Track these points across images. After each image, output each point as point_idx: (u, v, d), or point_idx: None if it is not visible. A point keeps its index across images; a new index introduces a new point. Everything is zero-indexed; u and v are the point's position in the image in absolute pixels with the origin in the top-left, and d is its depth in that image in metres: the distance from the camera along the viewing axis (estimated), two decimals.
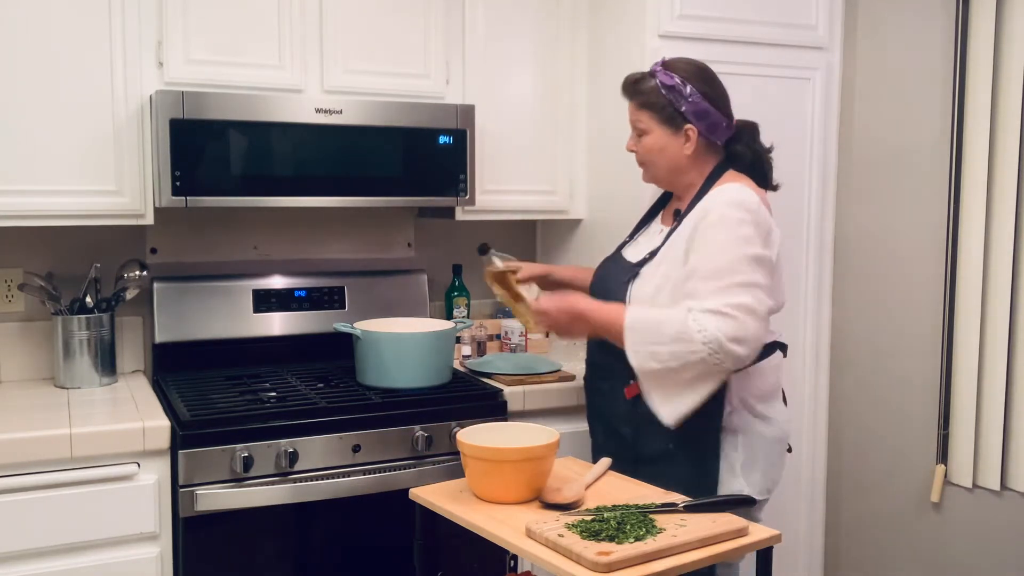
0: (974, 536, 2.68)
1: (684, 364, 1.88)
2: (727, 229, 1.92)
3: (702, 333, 1.85)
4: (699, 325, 1.86)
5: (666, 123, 2.05)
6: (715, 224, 1.93)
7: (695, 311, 1.88)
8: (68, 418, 2.10)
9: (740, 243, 1.91)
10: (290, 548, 2.21)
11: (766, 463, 2.06)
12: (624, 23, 2.67)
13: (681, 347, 1.87)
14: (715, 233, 1.92)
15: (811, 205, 2.80)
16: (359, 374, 2.48)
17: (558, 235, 3.07)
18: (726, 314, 1.86)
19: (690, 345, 1.86)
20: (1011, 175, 2.53)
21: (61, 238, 2.56)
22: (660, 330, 1.90)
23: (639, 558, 1.45)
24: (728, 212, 1.93)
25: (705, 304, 1.88)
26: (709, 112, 2.03)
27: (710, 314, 1.86)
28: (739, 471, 2.02)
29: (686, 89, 2.02)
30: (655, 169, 2.11)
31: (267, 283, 2.73)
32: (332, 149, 2.43)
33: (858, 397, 2.96)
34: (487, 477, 1.72)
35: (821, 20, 2.76)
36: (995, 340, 2.58)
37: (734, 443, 2.02)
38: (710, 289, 1.89)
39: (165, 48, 2.33)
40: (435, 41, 2.63)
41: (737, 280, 1.88)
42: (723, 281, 1.88)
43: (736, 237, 1.91)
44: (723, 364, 1.88)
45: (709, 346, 1.85)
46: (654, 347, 1.90)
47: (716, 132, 2.06)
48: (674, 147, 2.05)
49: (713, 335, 1.85)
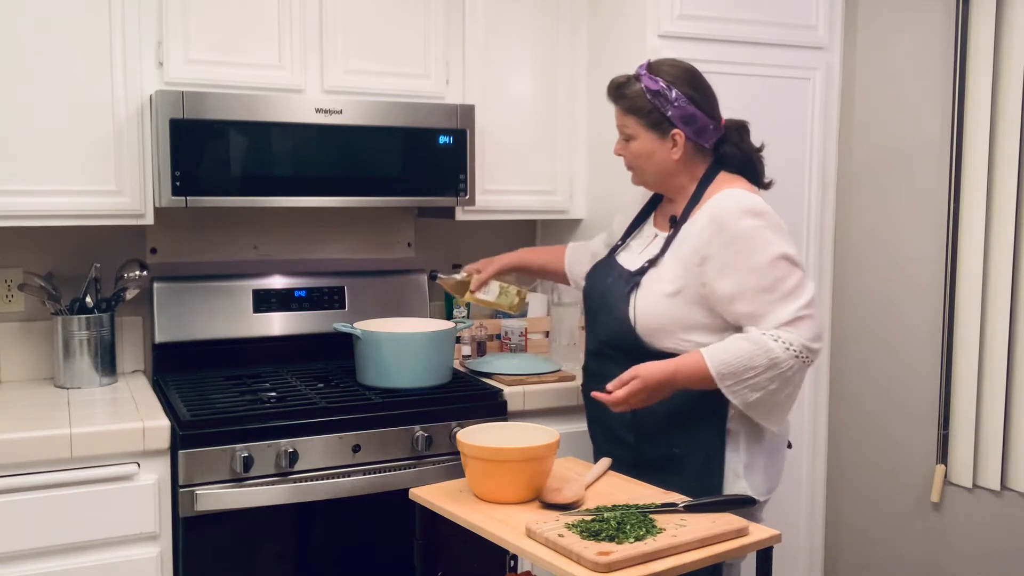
0: (974, 536, 2.68)
1: (784, 382, 1.92)
2: (749, 241, 1.93)
3: (790, 349, 1.89)
4: (784, 343, 1.89)
5: (653, 128, 2.03)
6: (736, 240, 1.93)
7: (770, 330, 1.90)
8: (68, 418, 2.10)
9: (767, 250, 1.92)
10: (290, 548, 2.21)
11: (768, 463, 2.05)
12: (624, 23, 2.67)
13: (777, 371, 1.90)
14: (740, 249, 1.92)
15: (811, 205, 2.80)
16: (359, 374, 2.48)
17: (558, 235, 3.07)
18: (800, 319, 1.90)
19: (784, 364, 1.89)
20: (1011, 175, 2.53)
21: (61, 238, 2.56)
22: (749, 365, 1.90)
23: (639, 558, 1.45)
24: (742, 224, 1.93)
25: (778, 318, 1.91)
26: (696, 116, 2.01)
27: (787, 328, 1.90)
28: (742, 473, 2.01)
29: (672, 93, 2.00)
30: (644, 174, 2.10)
31: (267, 283, 2.73)
32: (332, 149, 2.43)
33: (858, 397, 2.96)
34: (487, 477, 1.72)
35: (821, 20, 2.76)
36: (995, 340, 2.58)
37: (736, 445, 2.02)
38: (768, 304, 1.91)
39: (165, 48, 2.33)
40: (435, 41, 2.63)
41: (787, 286, 1.92)
42: (776, 293, 1.91)
43: (760, 246, 1.92)
44: (811, 359, 1.93)
45: (800, 357, 1.90)
46: (752, 381, 1.91)
47: (703, 136, 2.04)
48: (662, 152, 2.04)
49: (800, 345, 1.89)
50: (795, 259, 1.95)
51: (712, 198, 2.00)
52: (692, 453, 2.00)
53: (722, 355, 1.91)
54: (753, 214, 1.94)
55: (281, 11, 2.45)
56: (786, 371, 1.90)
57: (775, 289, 1.91)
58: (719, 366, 1.91)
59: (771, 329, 1.90)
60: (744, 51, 2.66)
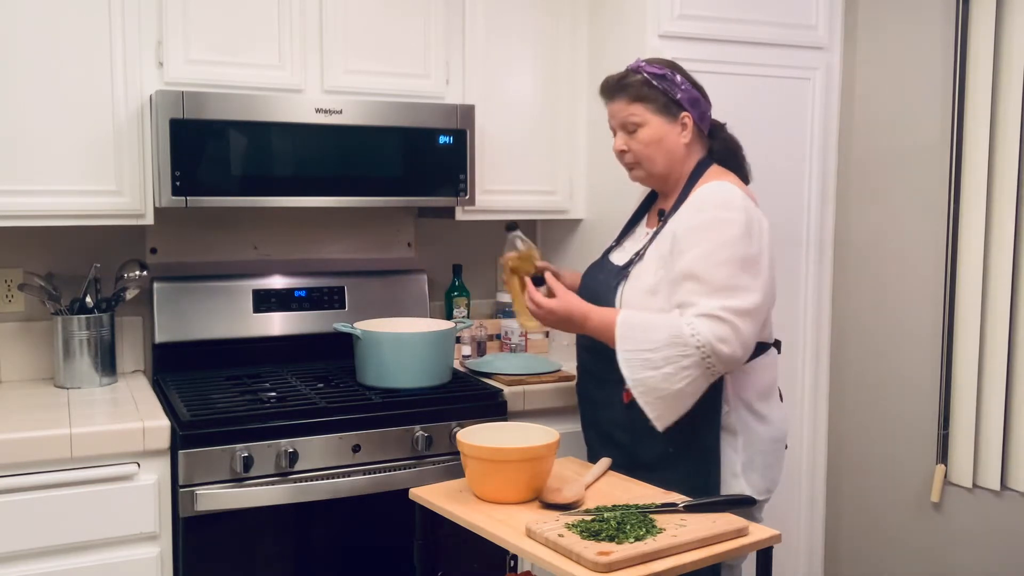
0: (974, 536, 2.68)
1: (676, 370, 1.87)
2: (715, 231, 1.91)
3: (696, 337, 1.85)
4: (693, 329, 1.86)
5: (662, 112, 2.04)
6: (703, 227, 1.92)
7: (688, 315, 1.88)
8: (68, 418, 2.10)
9: (729, 246, 1.89)
10: (290, 548, 2.21)
11: (765, 463, 2.05)
12: (624, 23, 2.67)
13: (674, 353, 1.86)
14: (704, 236, 1.91)
15: (811, 205, 2.80)
16: (359, 374, 2.48)
17: (558, 235, 3.07)
18: (719, 318, 1.85)
19: (684, 349, 1.86)
20: (1011, 175, 2.53)
21: (61, 238, 2.56)
22: (652, 336, 1.89)
23: (639, 558, 1.45)
24: (716, 214, 1.92)
25: (699, 309, 1.87)
26: (699, 100, 2.05)
27: (703, 318, 1.86)
28: (740, 472, 2.01)
29: (677, 78, 2.03)
30: (651, 164, 2.08)
31: (267, 283, 2.73)
32: (332, 149, 2.43)
33: (858, 397, 2.96)
34: (487, 477, 1.72)
35: (821, 20, 2.76)
36: (995, 340, 2.58)
37: (734, 444, 2.02)
38: (702, 293, 1.88)
39: (165, 48, 2.33)
40: (435, 41, 2.63)
41: (728, 284, 1.87)
42: (714, 285, 1.88)
43: (724, 240, 1.90)
44: (715, 368, 1.88)
45: (702, 350, 1.85)
46: (648, 354, 1.88)
47: (705, 120, 2.08)
48: (672, 136, 2.05)
49: (706, 339, 1.84)
50: (752, 261, 1.91)
51: (699, 188, 2.01)
52: (688, 452, 2.00)
53: (634, 317, 1.92)
54: (727, 207, 1.93)
55: (281, 11, 2.45)
56: (683, 359, 1.86)
57: (714, 281, 1.88)
58: (624, 325, 1.90)
59: (690, 315, 1.88)
60: (744, 51, 2.66)
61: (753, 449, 2.03)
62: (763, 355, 2.06)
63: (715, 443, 2.00)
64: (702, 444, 2.00)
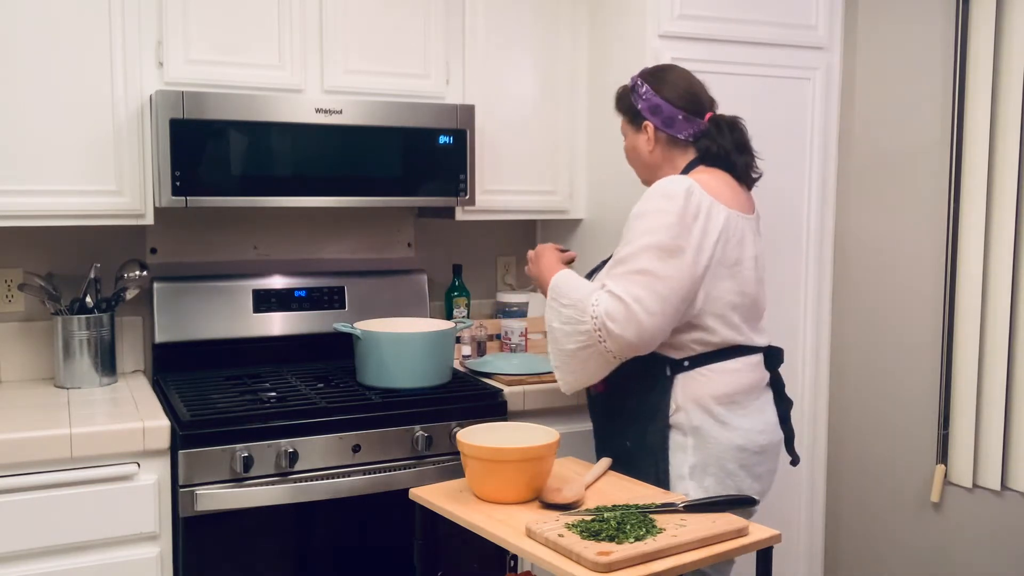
0: (974, 536, 2.68)
1: (573, 331, 1.96)
2: (645, 219, 1.96)
3: (594, 308, 1.92)
4: (595, 299, 1.93)
5: (631, 123, 2.14)
6: (639, 215, 1.98)
7: (599, 290, 1.95)
8: (68, 418, 2.10)
9: (653, 232, 1.93)
10: (290, 548, 2.21)
11: (724, 470, 2.00)
12: (624, 23, 2.67)
13: (574, 313, 1.95)
14: (636, 223, 1.98)
15: (811, 205, 2.80)
16: (359, 374, 2.48)
17: (558, 235, 3.07)
18: (620, 298, 1.90)
19: (581, 315, 1.94)
20: (1011, 175, 2.52)
21: (61, 238, 2.56)
22: (568, 293, 1.99)
23: (639, 558, 1.46)
24: (654, 203, 1.96)
25: (608, 286, 1.94)
26: (661, 106, 2.07)
27: (608, 294, 1.92)
28: (687, 475, 1.98)
29: (641, 88, 2.10)
30: (636, 171, 2.19)
31: (267, 283, 2.73)
32: (332, 149, 2.43)
33: (858, 398, 2.96)
34: (487, 477, 1.72)
35: (821, 20, 2.76)
36: (995, 340, 2.58)
37: (683, 444, 2.00)
38: (616, 274, 1.95)
39: (165, 48, 2.33)
40: (435, 41, 2.63)
41: (641, 268, 1.91)
42: (626, 267, 1.93)
43: (649, 227, 1.94)
44: (605, 344, 1.92)
45: (595, 321, 1.91)
46: (559, 307, 2.00)
47: (674, 126, 2.07)
48: (640, 145, 2.13)
49: (600, 312, 1.91)
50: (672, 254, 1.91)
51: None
52: (640, 449, 2.03)
53: (569, 275, 2.06)
54: (663, 196, 1.96)
55: (281, 11, 2.45)
56: (579, 324, 1.94)
57: (627, 264, 1.94)
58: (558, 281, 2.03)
59: (600, 289, 1.95)
60: (744, 51, 2.66)
61: (707, 453, 1.99)
62: (727, 360, 2.02)
63: (663, 442, 2.00)
64: (652, 441, 2.01)
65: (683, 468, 1.99)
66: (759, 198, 2.19)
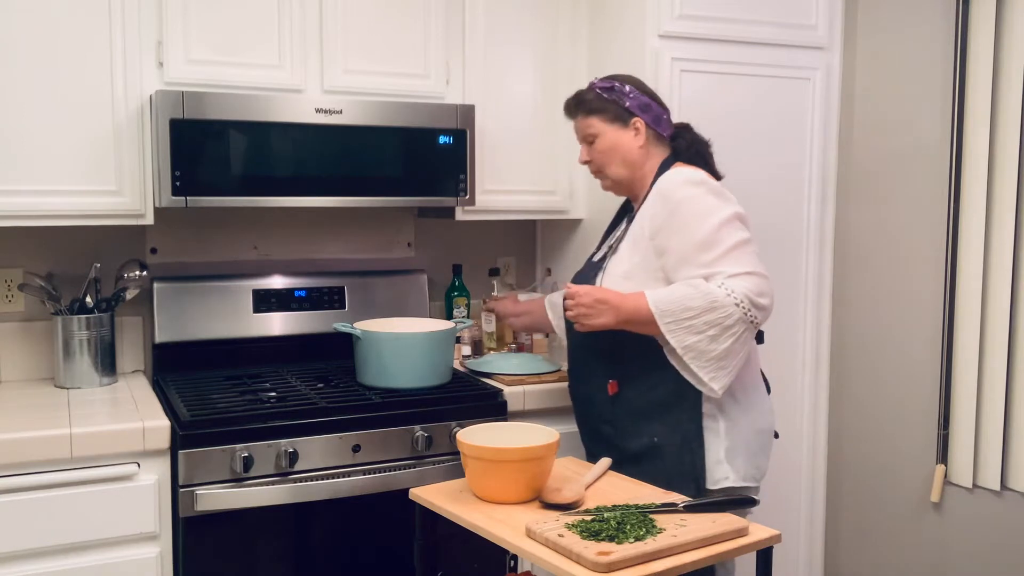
0: (974, 536, 2.68)
1: (721, 331, 1.94)
2: (692, 204, 1.99)
3: (731, 296, 1.92)
4: (727, 290, 1.92)
5: (615, 121, 2.15)
6: (680, 206, 2.00)
7: (717, 279, 1.94)
8: (68, 418, 2.10)
9: (711, 212, 1.98)
10: (290, 548, 2.21)
11: (749, 451, 2.09)
12: (624, 23, 2.67)
13: (715, 315, 1.93)
14: (684, 214, 1.99)
15: (811, 205, 2.80)
16: (359, 374, 2.48)
17: (558, 235, 3.07)
18: (749, 274, 1.94)
19: (725, 310, 1.92)
20: (1011, 175, 2.53)
21: (61, 238, 2.56)
22: (688, 304, 1.94)
23: (639, 558, 1.46)
24: (684, 192, 2.01)
25: (727, 272, 1.94)
26: (650, 104, 2.14)
27: (735, 278, 1.94)
28: (723, 458, 2.05)
29: (625, 88, 2.14)
30: (611, 169, 2.18)
31: (267, 283, 2.73)
32: (332, 149, 2.43)
33: (858, 398, 2.96)
34: (487, 477, 1.72)
35: (821, 20, 2.76)
36: (995, 340, 2.58)
37: (716, 431, 2.05)
38: (711, 259, 1.95)
39: (165, 48, 2.33)
40: (435, 41, 2.63)
41: (731, 243, 1.96)
42: (718, 249, 1.96)
43: (704, 209, 1.99)
44: (756, 320, 1.95)
45: (742, 307, 1.92)
46: (690, 322, 1.94)
47: (661, 124, 2.15)
48: (626, 141, 2.14)
49: (743, 294, 1.92)
50: (742, 219, 2.01)
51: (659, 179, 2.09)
52: (671, 441, 2.04)
53: (663, 293, 1.98)
54: (693, 183, 2.03)
55: (281, 11, 2.45)
56: (725, 318, 1.92)
57: (716, 247, 1.96)
58: (659, 302, 1.95)
59: (719, 277, 1.95)
60: (744, 51, 2.66)
61: (736, 436, 2.06)
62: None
63: (698, 430, 2.04)
64: (686, 433, 2.03)
65: (719, 452, 2.04)
66: (759, 198, 2.20)
